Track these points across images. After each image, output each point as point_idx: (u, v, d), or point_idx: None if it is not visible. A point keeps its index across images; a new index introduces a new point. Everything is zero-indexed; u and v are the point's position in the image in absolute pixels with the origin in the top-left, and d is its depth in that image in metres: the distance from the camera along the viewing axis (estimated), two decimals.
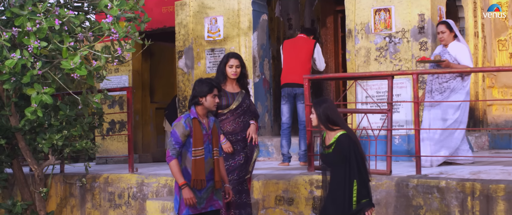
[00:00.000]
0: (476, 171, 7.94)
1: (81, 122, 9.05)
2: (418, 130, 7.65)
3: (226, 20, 11.10)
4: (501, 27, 12.24)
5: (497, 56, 12.21)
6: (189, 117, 6.42)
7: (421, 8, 9.61)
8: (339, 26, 13.42)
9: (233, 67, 7.18)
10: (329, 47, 13.44)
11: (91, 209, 9.53)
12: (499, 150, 11.33)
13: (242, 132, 7.18)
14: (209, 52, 11.23)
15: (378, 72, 8.14)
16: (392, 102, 7.76)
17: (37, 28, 7.29)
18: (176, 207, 6.50)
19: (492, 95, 12.15)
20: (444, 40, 8.69)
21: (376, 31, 9.89)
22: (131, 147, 9.59)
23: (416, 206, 7.43)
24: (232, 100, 7.15)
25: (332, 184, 6.12)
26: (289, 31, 12.95)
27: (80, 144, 9.01)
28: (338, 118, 6.19)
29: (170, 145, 6.38)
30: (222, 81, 7.16)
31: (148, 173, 9.34)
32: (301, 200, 8.06)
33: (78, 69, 7.43)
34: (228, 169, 7.07)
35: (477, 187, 7.14)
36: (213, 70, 11.16)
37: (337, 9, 13.36)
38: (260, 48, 11.08)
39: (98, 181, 9.51)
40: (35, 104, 7.57)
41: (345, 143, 6.04)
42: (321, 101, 6.25)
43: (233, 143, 7.12)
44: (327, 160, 6.18)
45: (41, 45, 7.28)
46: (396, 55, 9.75)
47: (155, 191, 9.08)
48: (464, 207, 7.19)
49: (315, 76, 8.16)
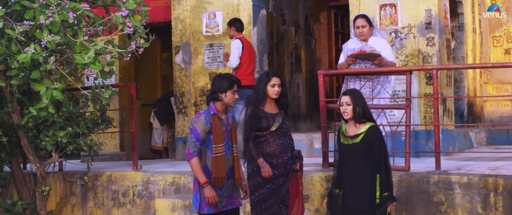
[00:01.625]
0: (493, 167, 7.91)
1: (84, 119, 8.81)
2: (437, 126, 7.57)
3: (225, 14, 10.93)
4: (496, 24, 12.29)
5: (491, 52, 12.26)
6: (209, 113, 6.25)
7: (428, 3, 9.56)
8: (332, 22, 13.36)
9: (275, 86, 6.62)
10: (323, 43, 13.38)
11: (93, 208, 9.30)
12: (498, 146, 11.36)
13: (282, 154, 6.66)
14: (208, 48, 11.05)
15: (396, 68, 8.05)
16: (411, 98, 7.68)
17: (50, 21, 7.06)
18: (196, 205, 6.32)
19: (487, 91, 12.20)
20: (364, 35, 8.34)
21: (382, 27, 9.82)
22: (135, 144, 9.38)
23: (437, 202, 7.36)
24: (272, 122, 6.62)
25: (355, 177, 6.01)
26: (282, 27, 12.82)
27: (84, 141, 8.78)
28: (369, 109, 6.12)
29: (191, 142, 6.20)
30: (262, 101, 6.65)
31: (154, 171, 9.13)
32: (317, 196, 7.94)
33: (92, 64, 7.22)
34: (264, 194, 6.65)
35: (500, 183, 7.10)
36: (211, 66, 10.99)
37: (331, 5, 13.29)
38: (259, 43, 10.94)
39: (100, 179, 9.28)
40: (46, 100, 7.34)
41: (376, 135, 5.97)
42: (355, 92, 6.14)
43: (273, 167, 6.62)
44: (350, 151, 6.06)
45: (55, 39, 7.05)
46: (402, 51, 9.68)
47: (162, 189, 8.88)
48: (486, 203, 7.14)
49: (331, 72, 8.03)
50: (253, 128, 6.58)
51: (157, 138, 13.87)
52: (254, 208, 6.72)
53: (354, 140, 6.05)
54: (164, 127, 13.52)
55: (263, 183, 6.64)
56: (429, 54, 9.54)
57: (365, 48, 8.26)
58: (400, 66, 8.94)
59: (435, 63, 9.39)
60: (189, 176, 8.77)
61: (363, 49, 8.24)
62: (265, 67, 11.11)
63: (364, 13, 8.54)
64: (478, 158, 9.22)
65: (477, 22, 11.73)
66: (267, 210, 6.65)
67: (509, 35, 12.11)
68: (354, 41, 8.49)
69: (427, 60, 9.50)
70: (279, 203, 6.67)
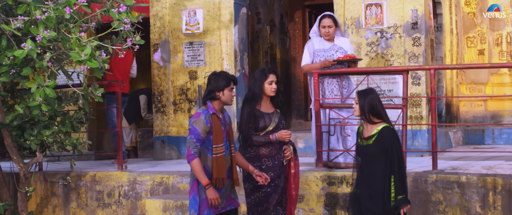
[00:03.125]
0: (488, 166, 7.99)
1: (70, 117, 8.58)
2: (435, 126, 7.60)
3: (206, 12, 10.79)
4: (470, 24, 12.44)
5: (466, 53, 12.40)
6: (208, 113, 6.10)
7: (414, 3, 9.60)
8: (307, 21, 13.33)
9: (272, 83, 6.41)
10: (297, 42, 13.35)
11: (76, 209, 9.07)
12: (476, 145, 11.50)
13: (278, 154, 6.47)
14: (187, 46, 10.90)
15: (393, 68, 8.05)
16: (407, 98, 7.69)
17: (45, 16, 6.84)
18: (195, 208, 6.11)
19: (461, 91, 12.34)
20: (329, 35, 8.23)
21: (367, 26, 9.83)
22: (120, 143, 9.18)
23: (436, 201, 7.39)
24: (269, 122, 6.42)
25: (371, 179, 5.97)
26: (257, 26, 12.75)
27: (69, 140, 8.55)
28: (383, 110, 6.05)
29: (191, 142, 6.02)
30: (259, 100, 6.43)
31: (140, 171, 8.96)
32: (313, 197, 7.89)
33: (88, 61, 7.02)
34: (260, 198, 6.46)
35: (499, 182, 7.16)
36: (191, 64, 10.85)
37: (306, 4, 13.27)
38: (240, 42, 10.84)
39: (84, 179, 9.06)
40: (39, 98, 7.11)
41: (388, 136, 5.92)
42: (367, 92, 6.08)
43: (269, 168, 6.43)
44: (365, 152, 6.02)
45: (51, 36, 6.84)
46: (387, 51, 9.71)
47: (150, 190, 8.71)
48: (485, 202, 7.19)
49: (326, 72, 7.98)
50: (251, 128, 6.44)
51: (125, 137, 13.61)
52: (251, 211, 6.58)
53: (368, 141, 6.01)
54: (132, 126, 13.30)
55: (259, 187, 6.48)
56: (415, 54, 9.58)
57: (330, 48, 8.17)
58: (397, 66, 8.96)
59: (421, 63, 9.44)
60: (178, 176, 8.63)
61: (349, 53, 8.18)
62: (245, 67, 11.02)
63: (331, 13, 8.42)
64: (466, 157, 9.30)
65: (454, 23, 11.85)
66: (263, 212, 6.53)
67: (482, 36, 12.27)
68: (320, 41, 8.33)
69: (413, 60, 9.55)
70: (276, 205, 6.55)
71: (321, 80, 8.14)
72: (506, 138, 11.69)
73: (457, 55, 11.93)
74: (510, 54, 12.31)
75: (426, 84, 9.55)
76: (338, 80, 8.18)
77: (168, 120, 10.98)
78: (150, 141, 13.05)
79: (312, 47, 8.32)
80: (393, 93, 9.51)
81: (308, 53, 8.35)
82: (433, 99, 7.57)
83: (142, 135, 12.81)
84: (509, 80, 12.25)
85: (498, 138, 11.71)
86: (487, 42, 12.28)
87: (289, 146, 6.56)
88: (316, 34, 8.34)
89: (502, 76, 12.30)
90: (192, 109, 10.83)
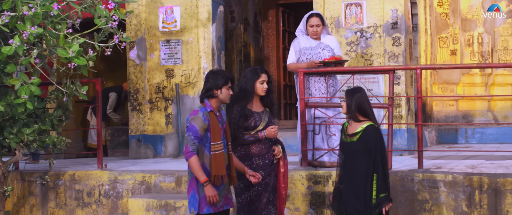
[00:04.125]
0: (471, 165, 8.08)
1: (49, 115, 8.43)
2: (420, 125, 7.65)
3: (184, 10, 10.72)
4: (442, 25, 12.57)
5: (438, 53, 12.53)
6: (206, 110, 6.09)
7: (394, 3, 9.67)
8: (280, 20, 13.33)
9: (264, 83, 6.38)
10: (271, 41, 13.34)
11: (54, 209, 8.91)
12: (450, 145, 11.63)
13: (268, 153, 6.47)
14: (164, 44, 10.80)
15: (379, 67, 8.09)
16: (393, 97, 7.73)
17: (33, 12, 6.71)
18: (195, 205, 6.11)
19: (433, 91, 12.47)
20: (317, 34, 8.22)
21: (347, 26, 9.86)
22: (100, 142, 9.06)
23: (422, 200, 7.44)
24: (259, 121, 6.40)
25: (353, 176, 6.00)
26: (231, 24, 12.71)
27: (50, 138, 8.40)
28: (370, 109, 6.08)
29: (189, 140, 6.00)
30: (250, 100, 6.42)
31: (121, 170, 8.84)
32: (298, 196, 7.88)
33: (76, 59, 6.91)
34: (251, 197, 6.46)
35: (485, 181, 7.24)
36: (168, 62, 10.76)
37: (279, 3, 13.27)
38: (218, 40, 10.79)
39: (62, 178, 8.90)
40: (25, 95, 6.98)
41: (372, 135, 5.95)
42: (355, 90, 6.11)
43: (259, 167, 6.43)
44: (349, 149, 6.05)
45: (38, 32, 6.71)
46: (367, 50, 9.76)
47: (131, 189, 8.61)
48: (471, 201, 7.27)
49: (311, 70, 7.98)
50: (241, 127, 6.42)
51: (95, 135, 13.48)
52: (242, 210, 6.55)
53: (352, 138, 6.04)
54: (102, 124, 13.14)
55: (250, 186, 6.47)
56: (394, 54, 9.65)
57: (330, 54, 8.17)
58: (383, 66, 9.01)
59: (401, 63, 9.52)
60: (160, 175, 8.54)
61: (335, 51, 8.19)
62: (222, 65, 10.97)
63: (318, 12, 8.45)
64: (445, 156, 9.40)
65: (429, 24, 11.97)
66: (254, 211, 6.51)
67: (455, 36, 12.42)
68: (306, 39, 8.31)
69: (393, 59, 9.61)
70: (267, 203, 6.54)
71: (308, 78, 8.14)
72: (479, 137, 11.85)
73: (431, 55, 12.06)
74: (481, 55, 12.48)
75: (406, 84, 9.61)
76: (324, 79, 8.18)
77: (144, 118, 10.88)
78: (120, 139, 12.92)
79: (298, 45, 8.31)
80: (373, 92, 9.55)
81: (293, 51, 8.33)
82: (419, 99, 7.62)
83: (112, 133, 12.67)
84: (480, 81, 12.42)
85: (471, 138, 11.87)
86: (459, 43, 12.43)
87: (278, 145, 6.57)
88: (302, 32, 8.33)
89: (473, 77, 12.46)
90: (168, 107, 10.74)
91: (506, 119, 12.46)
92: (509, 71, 12.74)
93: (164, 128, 10.78)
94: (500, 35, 12.81)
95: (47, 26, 6.99)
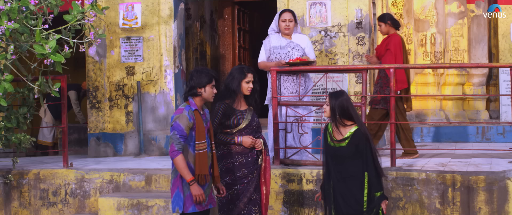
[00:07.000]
0: (441, 163, 8.23)
1: (15, 113, 8.22)
2: (393, 124, 7.76)
3: (145, 7, 10.58)
4: None
5: None
6: (190, 109, 6.05)
7: (359, 3, 9.77)
8: (236, 18, 13.30)
9: (250, 82, 6.42)
10: (227, 39, 13.30)
11: (18, 208, 8.69)
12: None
13: (251, 152, 6.48)
14: (125, 41, 10.65)
15: (353, 66, 8.15)
16: (366, 96, 7.82)
17: (8, 7, 6.54)
18: (179, 204, 6.07)
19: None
20: (289, 30, 8.30)
21: (311, 25, 9.91)
22: (65, 140, 8.87)
23: (395, 198, 7.55)
24: (242, 119, 6.42)
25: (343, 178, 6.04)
26: (187, 22, 12.60)
27: (16, 136, 8.19)
28: (354, 112, 6.11)
29: (174, 138, 5.96)
30: (234, 98, 6.43)
31: (88, 168, 8.67)
32: (271, 194, 7.87)
33: (52, 55, 6.77)
34: (233, 196, 6.47)
35: (457, 179, 7.40)
36: (128, 60, 10.61)
37: (235, 1, 13.24)
38: (179, 38, 10.70)
39: (26, 177, 8.68)
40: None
41: (362, 138, 5.99)
42: (338, 93, 6.12)
43: (242, 165, 6.45)
44: (338, 154, 6.08)
45: (15, 27, 6.54)
46: (331, 49, 9.83)
47: (99, 188, 8.46)
48: (444, 198, 7.41)
49: (284, 69, 8.00)
50: (222, 124, 6.41)
51: (48, 133, 13.21)
52: (222, 209, 6.54)
53: (340, 143, 6.05)
54: (57, 122, 12.90)
55: (232, 184, 6.48)
56: (359, 53, 9.75)
57: (299, 54, 8.22)
58: (356, 65, 9.07)
59: (365, 62, 9.61)
60: (129, 173, 8.43)
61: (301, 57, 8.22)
62: (183, 63, 10.88)
63: (290, 9, 8.53)
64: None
65: None
66: (234, 210, 6.51)
67: (409, 36, 12.62)
68: (277, 38, 8.38)
69: (357, 59, 9.71)
70: (247, 202, 6.53)
71: (279, 77, 8.16)
72: (433, 136, 12.08)
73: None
74: (434, 55, 12.72)
75: (370, 83, 9.72)
76: (293, 78, 8.21)
77: (103, 116, 10.70)
78: (72, 137, 12.70)
79: (268, 44, 8.34)
80: None
81: (264, 50, 8.36)
82: (393, 98, 7.73)
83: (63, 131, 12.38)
84: (432, 80, 12.65)
85: (426, 136, 12.08)
86: (413, 43, 12.64)
87: (260, 139, 6.57)
88: (274, 31, 8.35)
89: (426, 76, 12.68)
90: (129, 105, 10.59)
91: (457, 118, 12.75)
92: (459, 71, 13.04)
93: (124, 126, 10.63)
94: (452, 36, 13.11)
95: (22, 21, 6.81)
